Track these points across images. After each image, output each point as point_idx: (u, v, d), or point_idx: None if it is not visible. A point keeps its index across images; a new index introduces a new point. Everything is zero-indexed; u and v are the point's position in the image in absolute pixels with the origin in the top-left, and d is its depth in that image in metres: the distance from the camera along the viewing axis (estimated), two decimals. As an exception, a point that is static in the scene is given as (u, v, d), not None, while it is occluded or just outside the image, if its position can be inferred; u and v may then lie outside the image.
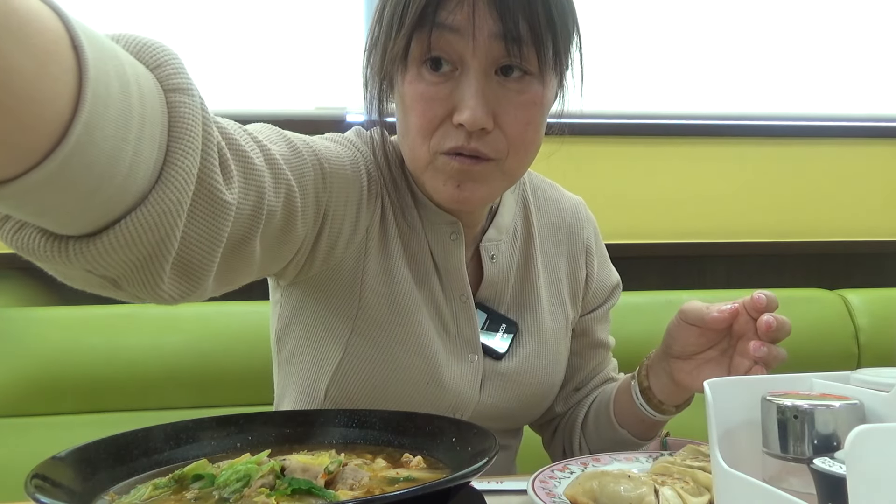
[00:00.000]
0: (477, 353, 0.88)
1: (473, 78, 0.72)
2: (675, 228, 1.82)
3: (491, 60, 0.72)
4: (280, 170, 0.64)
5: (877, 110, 1.91)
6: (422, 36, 0.71)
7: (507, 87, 0.74)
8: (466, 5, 0.70)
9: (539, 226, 0.95)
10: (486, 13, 0.70)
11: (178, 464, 0.68)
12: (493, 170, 0.76)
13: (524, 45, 0.71)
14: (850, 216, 1.90)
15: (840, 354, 1.57)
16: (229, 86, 1.67)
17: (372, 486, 0.61)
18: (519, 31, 0.70)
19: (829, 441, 0.50)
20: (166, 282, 0.51)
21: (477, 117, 0.71)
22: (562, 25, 0.73)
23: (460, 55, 0.72)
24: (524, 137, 0.76)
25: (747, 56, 1.86)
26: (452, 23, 0.70)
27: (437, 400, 0.85)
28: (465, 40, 0.71)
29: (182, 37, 1.65)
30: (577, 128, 1.74)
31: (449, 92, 0.73)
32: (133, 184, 0.44)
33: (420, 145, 0.76)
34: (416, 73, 0.74)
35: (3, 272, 1.51)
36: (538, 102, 0.76)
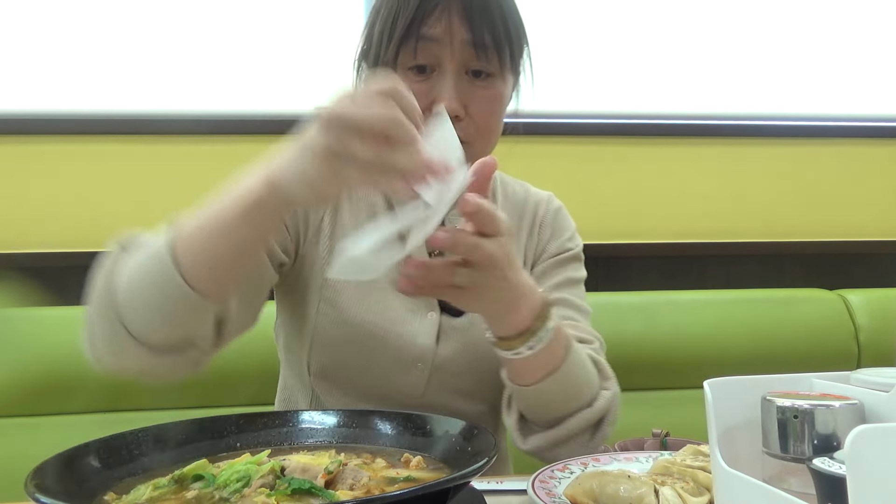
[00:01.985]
0: (435, 311, 0.98)
1: (450, 77, 0.90)
2: (675, 228, 1.82)
3: (463, 63, 0.90)
4: None
5: (877, 110, 1.91)
6: (408, 47, 0.89)
7: (476, 84, 0.92)
8: (444, 19, 0.88)
9: (503, 207, 1.08)
10: (460, 25, 0.89)
11: (178, 464, 0.68)
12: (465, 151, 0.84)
13: (489, 51, 0.90)
14: (850, 216, 1.90)
15: (840, 354, 1.57)
16: (229, 86, 1.67)
17: (372, 486, 0.61)
18: (485, 39, 0.89)
19: (829, 441, 0.50)
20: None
21: (453, 107, 0.88)
22: (516, 36, 0.94)
23: (439, 59, 0.90)
24: (489, 125, 0.94)
25: (747, 56, 1.86)
26: (433, 34, 0.89)
27: (399, 352, 0.96)
28: (443, 47, 0.89)
29: (183, 37, 1.65)
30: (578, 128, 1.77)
31: (429, 88, 0.90)
32: None
33: None
34: (402, 74, 0.90)
35: (3, 272, 1.51)
36: (500, 97, 0.94)
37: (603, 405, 0.90)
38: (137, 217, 1.62)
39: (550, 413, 0.89)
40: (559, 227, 1.11)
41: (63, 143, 1.61)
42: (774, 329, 1.56)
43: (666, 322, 1.54)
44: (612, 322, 1.52)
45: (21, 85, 1.61)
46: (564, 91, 1.78)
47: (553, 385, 0.85)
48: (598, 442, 0.91)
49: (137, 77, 1.64)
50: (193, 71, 1.66)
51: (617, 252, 1.78)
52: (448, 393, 0.98)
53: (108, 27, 1.63)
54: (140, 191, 1.63)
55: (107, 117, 1.63)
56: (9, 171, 1.59)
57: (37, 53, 1.62)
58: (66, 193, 1.61)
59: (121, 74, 1.64)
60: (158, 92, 1.65)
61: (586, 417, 0.89)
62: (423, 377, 0.97)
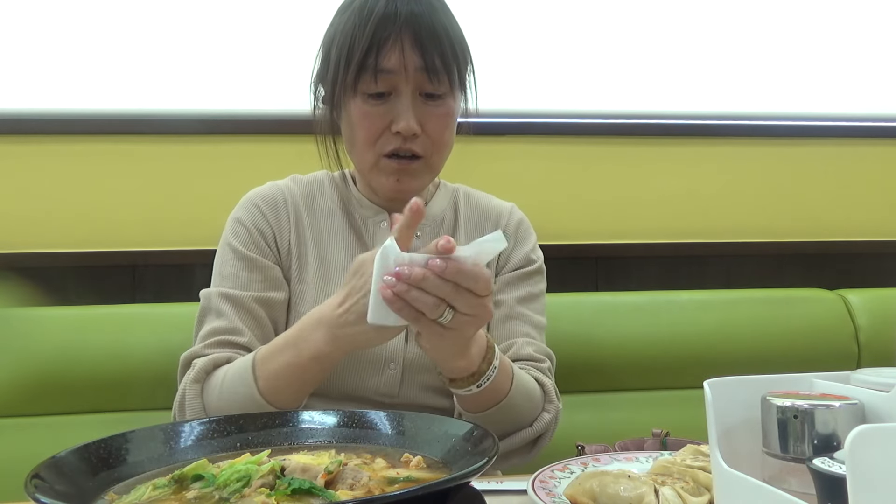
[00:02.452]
0: None
1: (406, 99, 0.99)
2: (675, 228, 1.82)
3: (417, 86, 0.99)
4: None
5: (877, 110, 1.91)
6: (367, 77, 0.97)
7: (429, 104, 1.01)
8: (397, 50, 0.96)
9: (466, 217, 1.16)
10: (412, 53, 0.97)
11: (178, 464, 0.68)
12: (423, 166, 1.03)
13: (440, 73, 0.98)
14: (850, 216, 1.90)
15: (840, 354, 1.57)
16: (228, 86, 1.67)
17: (372, 486, 0.61)
18: (435, 63, 0.98)
19: (829, 441, 0.50)
20: None
21: (411, 126, 0.99)
22: (462, 56, 1.02)
23: (395, 85, 0.99)
24: (443, 139, 1.03)
25: (747, 56, 1.86)
26: (389, 66, 0.97)
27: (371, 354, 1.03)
28: (399, 76, 0.98)
29: (182, 37, 1.65)
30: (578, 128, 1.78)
31: (387, 110, 1.00)
32: None
33: (367, 151, 1.02)
34: (362, 99, 1.00)
35: (3, 272, 1.51)
36: (450, 114, 1.04)
37: (541, 426, 1.01)
38: (137, 217, 1.63)
39: (495, 431, 0.93)
40: (522, 237, 1.17)
41: (63, 143, 1.61)
42: (774, 329, 1.55)
43: (666, 322, 1.54)
44: (612, 322, 1.52)
45: (21, 85, 1.61)
46: (564, 91, 1.78)
47: (498, 413, 0.95)
48: (534, 455, 1.03)
49: (137, 77, 1.64)
50: (192, 71, 1.66)
51: (617, 252, 1.78)
52: (423, 390, 1.04)
53: (107, 27, 1.63)
54: (140, 191, 1.63)
55: (106, 117, 1.63)
56: (9, 171, 1.59)
57: (37, 53, 1.62)
58: (66, 193, 1.61)
59: (120, 74, 1.63)
60: (157, 92, 1.65)
61: (524, 437, 1.00)
62: (397, 376, 1.03)
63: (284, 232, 1.08)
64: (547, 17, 1.78)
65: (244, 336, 1.00)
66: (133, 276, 1.61)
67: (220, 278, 1.05)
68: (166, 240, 1.62)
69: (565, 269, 1.68)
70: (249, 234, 1.06)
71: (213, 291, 1.03)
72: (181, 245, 1.62)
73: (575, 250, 1.75)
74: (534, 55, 1.77)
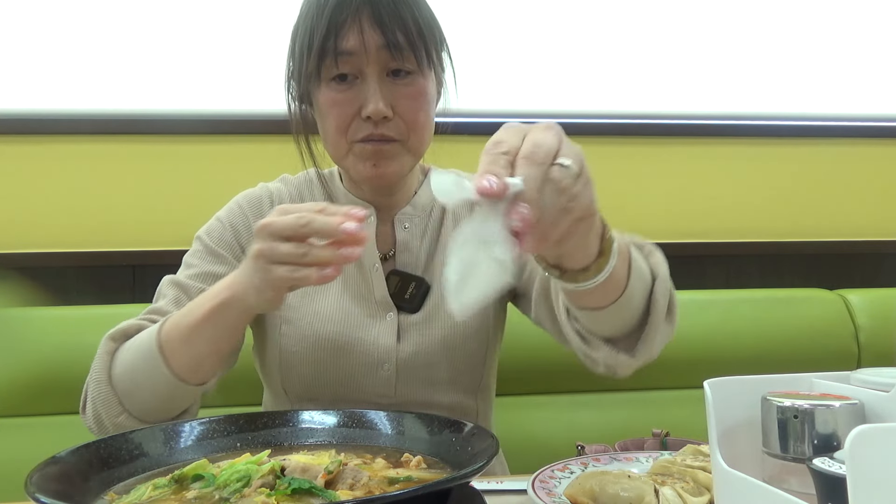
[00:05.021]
0: (392, 311, 1.02)
1: (372, 80, 0.94)
2: (675, 228, 1.82)
3: (382, 66, 0.95)
4: None
5: (877, 110, 1.91)
6: (328, 61, 0.94)
7: (398, 83, 0.96)
8: (356, 30, 0.93)
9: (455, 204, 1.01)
10: (371, 32, 0.93)
11: (178, 464, 0.68)
12: (400, 149, 0.98)
13: (404, 50, 0.94)
14: (850, 216, 1.90)
15: (840, 354, 1.57)
16: (228, 86, 1.67)
17: (372, 486, 0.61)
18: (398, 39, 0.93)
19: (829, 441, 0.50)
20: None
21: (379, 109, 0.93)
22: (429, 34, 0.97)
23: (359, 68, 0.95)
24: (418, 120, 0.97)
25: (747, 56, 1.86)
26: (348, 47, 0.93)
27: (364, 357, 1.00)
28: (360, 57, 0.94)
29: (183, 37, 1.65)
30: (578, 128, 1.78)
31: (354, 95, 0.95)
32: None
33: (339, 139, 0.98)
34: (326, 86, 0.96)
35: (3, 272, 1.51)
36: (423, 92, 0.97)
37: (660, 263, 0.86)
38: (137, 217, 1.63)
39: (624, 318, 0.82)
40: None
41: (63, 143, 1.61)
42: (774, 329, 1.55)
43: (666, 322, 1.54)
44: None
45: (21, 85, 1.61)
46: (564, 91, 1.78)
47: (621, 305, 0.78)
48: (674, 318, 0.86)
49: (137, 77, 1.64)
50: (193, 71, 1.66)
51: (617, 252, 1.78)
52: (419, 388, 1.02)
53: (107, 27, 1.63)
54: (140, 191, 1.63)
55: (107, 117, 1.63)
56: (9, 171, 1.59)
57: (37, 53, 1.62)
58: (66, 193, 1.61)
59: (120, 74, 1.63)
60: (158, 92, 1.65)
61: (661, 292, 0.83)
62: (392, 376, 1.01)
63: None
64: (547, 17, 1.78)
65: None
66: (133, 276, 1.61)
67: (182, 267, 1.05)
68: (166, 240, 1.62)
69: (565, 269, 1.68)
70: (222, 231, 1.06)
71: (168, 277, 1.03)
72: (181, 245, 1.60)
73: (575, 250, 1.74)
74: (534, 55, 1.77)
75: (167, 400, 0.89)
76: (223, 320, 0.84)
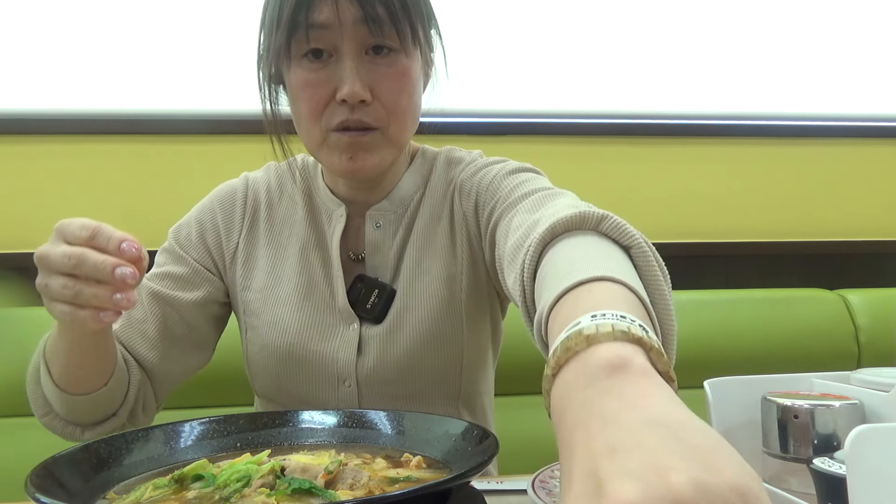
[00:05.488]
0: (355, 321, 0.94)
1: (348, 59, 0.83)
2: (675, 228, 1.82)
3: (360, 42, 0.83)
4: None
5: (877, 110, 1.91)
6: (298, 35, 0.83)
7: (378, 62, 0.85)
8: (330, 1, 0.81)
9: (432, 188, 0.98)
10: (348, 3, 0.81)
11: (178, 464, 0.68)
12: (379, 138, 0.87)
13: (384, 25, 0.82)
14: (850, 216, 1.90)
15: (840, 354, 1.57)
16: (228, 86, 1.66)
17: (372, 486, 0.61)
18: (377, 12, 0.82)
19: (829, 441, 0.50)
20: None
21: (356, 91, 0.82)
22: (414, 6, 0.85)
23: (334, 44, 0.83)
24: (400, 105, 0.86)
25: (747, 56, 1.86)
26: (321, 20, 0.82)
27: (324, 371, 0.94)
28: (334, 31, 0.82)
29: (182, 37, 1.65)
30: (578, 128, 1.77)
31: (329, 75, 0.84)
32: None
33: (312, 126, 0.86)
34: (297, 64, 0.85)
35: (3, 272, 1.51)
36: (407, 73, 0.86)
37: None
38: (137, 217, 1.62)
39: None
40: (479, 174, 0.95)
41: (63, 143, 1.61)
42: (774, 329, 1.56)
43: (666, 322, 1.54)
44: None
45: (21, 85, 1.61)
46: (564, 91, 1.78)
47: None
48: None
49: (137, 77, 1.64)
50: (192, 71, 1.66)
51: (617, 252, 1.78)
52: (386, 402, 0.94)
53: (107, 27, 1.63)
54: (140, 191, 1.63)
55: (106, 117, 1.63)
56: (9, 171, 1.59)
57: (37, 53, 1.62)
58: (66, 193, 1.61)
59: (120, 74, 1.64)
60: (157, 92, 1.65)
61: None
62: (354, 392, 0.94)
63: (234, 233, 0.99)
64: (547, 17, 1.78)
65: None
66: (133, 276, 1.60)
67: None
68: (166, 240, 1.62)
69: (565, 269, 1.68)
70: (189, 229, 1.00)
71: None
72: (181, 245, 1.62)
73: (575, 250, 1.74)
74: (534, 55, 1.77)
75: (74, 408, 0.86)
76: (68, 339, 0.80)
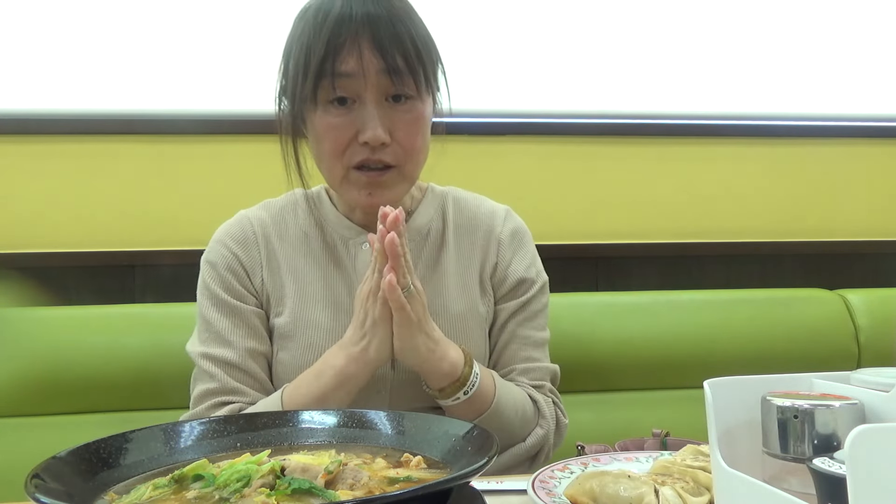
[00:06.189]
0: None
1: (371, 106, 0.93)
2: (675, 228, 1.82)
3: (381, 91, 0.94)
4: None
5: (877, 110, 1.91)
6: (325, 83, 0.92)
7: (397, 109, 0.95)
8: (355, 53, 0.91)
9: (456, 226, 1.10)
10: (371, 56, 0.91)
11: (177, 464, 0.68)
12: (396, 176, 0.98)
13: (404, 75, 0.93)
14: (850, 216, 1.90)
15: (840, 354, 1.57)
16: (229, 86, 1.66)
17: (372, 486, 0.61)
18: (398, 64, 0.92)
19: (829, 441, 0.50)
20: None
21: (378, 135, 0.93)
22: (427, 56, 0.96)
23: (358, 92, 0.93)
24: (415, 146, 0.97)
25: (747, 56, 1.86)
26: (347, 70, 0.92)
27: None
28: (359, 81, 0.92)
29: (182, 37, 1.65)
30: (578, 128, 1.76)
31: (352, 120, 0.94)
32: None
33: (334, 164, 0.97)
34: (324, 109, 0.95)
35: (3, 272, 1.51)
36: (421, 118, 0.97)
37: (535, 442, 1.02)
38: (137, 217, 1.63)
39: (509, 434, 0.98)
40: (517, 247, 1.12)
41: (63, 143, 1.61)
42: (774, 329, 1.56)
43: (666, 322, 1.54)
44: (612, 322, 1.52)
45: (21, 85, 1.61)
46: (564, 91, 1.78)
47: (488, 422, 0.94)
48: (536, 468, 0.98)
49: (137, 77, 1.64)
50: (192, 71, 1.66)
51: (617, 252, 1.78)
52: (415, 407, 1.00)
53: (107, 27, 1.63)
54: (140, 191, 1.63)
55: (106, 117, 1.63)
56: (9, 171, 1.59)
57: (37, 53, 1.62)
58: (66, 193, 1.61)
59: (120, 74, 1.63)
60: (157, 92, 1.65)
61: (517, 453, 1.01)
62: (385, 399, 1.02)
63: (256, 268, 1.04)
64: (546, 16, 1.78)
65: (245, 396, 0.99)
66: (133, 276, 1.61)
67: (204, 331, 1.03)
68: (166, 240, 1.62)
69: (565, 269, 1.68)
70: (223, 278, 1.03)
71: (199, 352, 1.01)
72: (181, 245, 1.62)
73: (575, 250, 1.75)
74: (533, 55, 1.77)
75: None
76: (355, 385, 0.93)
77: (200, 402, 0.99)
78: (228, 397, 0.98)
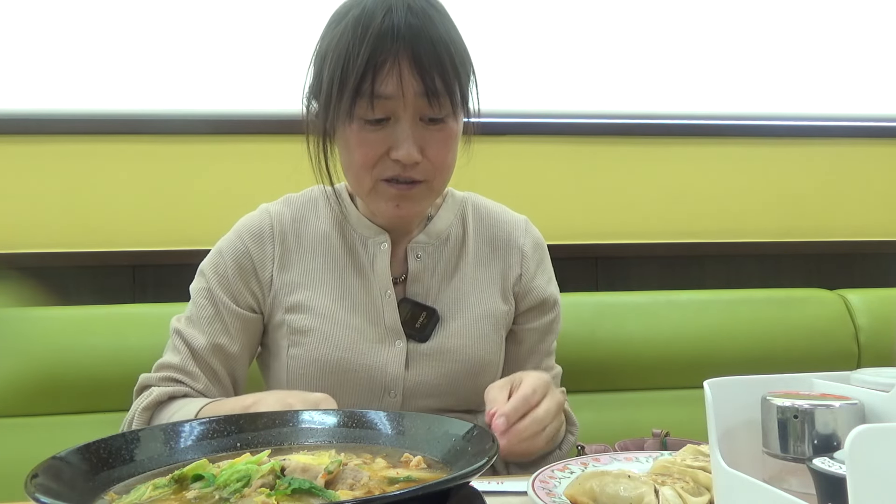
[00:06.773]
0: (401, 339, 1.04)
1: (406, 125, 0.93)
2: (675, 228, 1.82)
3: (417, 112, 0.94)
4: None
5: (877, 110, 1.91)
6: (363, 102, 0.92)
7: (430, 128, 0.95)
8: (395, 73, 0.90)
9: (476, 233, 1.12)
10: (410, 77, 0.91)
11: (177, 464, 0.68)
12: (424, 190, 0.99)
13: (441, 97, 0.93)
14: (850, 216, 1.90)
15: (840, 354, 1.57)
16: (229, 86, 1.67)
17: (372, 486, 0.61)
18: (436, 86, 0.92)
19: (829, 441, 0.50)
20: None
21: (412, 155, 0.93)
22: (464, 73, 0.96)
23: (394, 111, 0.93)
24: (446, 163, 0.98)
25: (747, 56, 1.86)
26: (386, 91, 0.91)
27: (371, 382, 1.02)
28: (397, 102, 0.92)
29: (182, 37, 1.65)
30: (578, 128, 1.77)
31: (385, 136, 0.94)
32: None
33: (364, 176, 0.97)
34: (360, 125, 0.94)
35: (3, 272, 1.51)
36: (454, 136, 0.98)
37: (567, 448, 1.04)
38: (137, 217, 1.63)
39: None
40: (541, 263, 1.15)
41: (63, 143, 1.61)
42: (774, 329, 1.56)
43: (666, 322, 1.54)
44: (612, 322, 1.52)
45: (21, 85, 1.61)
46: (564, 90, 1.78)
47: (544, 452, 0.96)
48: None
49: (136, 77, 1.64)
50: (192, 71, 1.66)
51: (617, 252, 1.78)
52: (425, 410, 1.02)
53: (107, 27, 1.63)
54: (140, 191, 1.63)
55: (106, 117, 1.63)
56: (9, 171, 1.59)
57: (37, 53, 1.62)
58: (66, 193, 1.61)
59: (119, 74, 1.64)
60: (157, 92, 1.65)
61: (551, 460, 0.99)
62: (397, 403, 1.03)
63: (267, 263, 1.05)
64: (548, 16, 1.78)
65: (198, 382, 1.02)
66: (133, 276, 1.61)
67: (189, 308, 1.06)
68: (166, 240, 1.62)
69: (565, 269, 1.68)
70: (224, 271, 1.05)
71: (178, 326, 1.05)
72: (181, 245, 1.62)
73: (575, 250, 1.75)
74: (534, 55, 1.77)
75: None
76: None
77: (159, 370, 1.04)
78: (182, 377, 1.01)
